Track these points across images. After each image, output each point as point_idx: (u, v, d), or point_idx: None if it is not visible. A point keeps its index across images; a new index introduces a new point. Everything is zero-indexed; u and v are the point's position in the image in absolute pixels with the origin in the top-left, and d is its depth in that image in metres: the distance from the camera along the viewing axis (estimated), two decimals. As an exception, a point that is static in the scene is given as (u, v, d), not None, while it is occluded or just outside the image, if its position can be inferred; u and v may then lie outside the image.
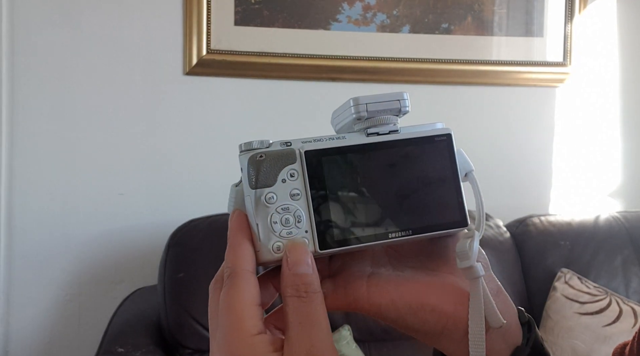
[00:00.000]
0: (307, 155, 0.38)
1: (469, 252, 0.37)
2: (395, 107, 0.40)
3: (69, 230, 1.53)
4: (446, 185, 0.40)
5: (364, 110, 0.39)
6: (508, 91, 1.73)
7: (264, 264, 0.37)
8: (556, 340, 1.37)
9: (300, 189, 0.37)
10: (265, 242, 0.36)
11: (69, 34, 1.51)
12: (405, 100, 0.40)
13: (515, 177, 1.75)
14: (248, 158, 0.37)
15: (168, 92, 1.57)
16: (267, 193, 0.37)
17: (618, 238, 1.52)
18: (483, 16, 1.68)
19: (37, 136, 1.51)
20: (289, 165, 0.37)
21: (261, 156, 0.37)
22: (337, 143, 0.38)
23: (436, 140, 0.40)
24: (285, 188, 0.37)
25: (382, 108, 0.39)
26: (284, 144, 0.38)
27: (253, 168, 0.37)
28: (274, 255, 0.36)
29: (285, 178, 0.37)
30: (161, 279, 1.33)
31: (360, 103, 0.39)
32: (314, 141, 0.38)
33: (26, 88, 1.50)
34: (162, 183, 1.57)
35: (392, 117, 0.40)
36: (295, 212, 0.37)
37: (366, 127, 0.39)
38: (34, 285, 1.52)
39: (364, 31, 1.62)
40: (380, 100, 0.39)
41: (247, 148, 0.38)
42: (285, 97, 1.62)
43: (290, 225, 0.37)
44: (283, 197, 0.37)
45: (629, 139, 1.82)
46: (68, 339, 1.54)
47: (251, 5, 1.57)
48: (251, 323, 0.33)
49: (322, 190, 0.37)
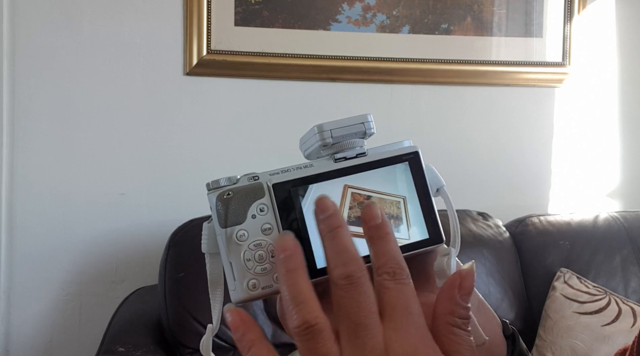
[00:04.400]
0: (275, 188, 0.37)
1: (446, 270, 0.37)
2: (360, 130, 0.39)
3: (70, 229, 1.53)
4: (418, 202, 0.40)
5: (328, 137, 0.39)
6: (507, 91, 1.73)
7: (240, 302, 0.37)
8: (555, 340, 1.37)
9: (272, 223, 0.37)
10: (240, 280, 0.36)
11: (69, 34, 1.52)
12: (370, 123, 0.40)
13: (514, 177, 1.75)
14: (216, 196, 0.37)
15: (168, 92, 1.57)
16: (238, 231, 0.36)
17: (617, 238, 1.52)
18: (482, 17, 1.68)
19: (38, 136, 1.52)
20: (257, 200, 0.37)
21: (229, 194, 0.37)
22: (305, 173, 0.38)
23: (404, 159, 0.40)
24: (255, 223, 0.36)
25: (347, 132, 0.39)
26: (251, 179, 0.38)
27: (222, 207, 0.36)
28: (250, 293, 0.36)
29: (255, 214, 0.37)
30: (162, 279, 1.33)
31: (324, 130, 0.39)
32: (282, 172, 0.38)
33: (27, 88, 1.51)
34: (162, 183, 1.57)
35: (358, 140, 0.39)
36: (268, 246, 0.36)
37: (333, 152, 0.39)
38: (35, 284, 1.53)
39: (363, 31, 1.63)
40: (344, 125, 0.39)
41: (214, 187, 0.37)
42: (285, 97, 1.62)
43: (264, 260, 0.36)
44: (254, 233, 0.36)
45: (628, 139, 1.83)
46: (69, 338, 1.55)
47: (251, 6, 1.57)
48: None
49: (293, 222, 0.37)
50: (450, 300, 0.34)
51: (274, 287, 0.37)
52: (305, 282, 0.34)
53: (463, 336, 0.34)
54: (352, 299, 0.33)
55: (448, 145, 1.71)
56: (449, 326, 0.34)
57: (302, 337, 0.33)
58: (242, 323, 0.35)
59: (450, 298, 0.34)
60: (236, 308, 0.36)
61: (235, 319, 0.35)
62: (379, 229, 0.35)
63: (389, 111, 1.68)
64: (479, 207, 1.60)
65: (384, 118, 1.67)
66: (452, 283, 0.35)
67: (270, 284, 0.37)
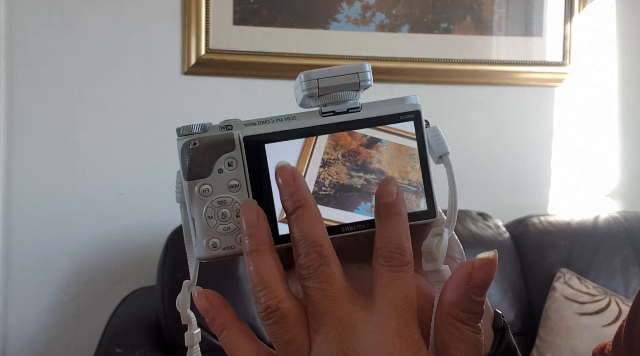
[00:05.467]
0: (246, 141, 0.33)
1: (435, 253, 0.32)
2: (353, 81, 0.34)
3: (67, 229, 1.53)
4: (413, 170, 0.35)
5: (314, 87, 0.34)
6: (507, 91, 1.73)
7: (203, 260, 0.34)
8: (555, 340, 1.37)
9: (240, 179, 0.33)
10: (201, 238, 0.33)
11: (67, 33, 1.51)
12: (366, 73, 0.34)
13: (514, 177, 1.75)
14: (182, 145, 0.33)
15: (167, 91, 1.57)
16: (201, 185, 0.33)
17: (617, 238, 1.52)
18: (482, 16, 1.68)
19: (36, 136, 1.51)
20: (226, 153, 0.33)
21: (195, 143, 0.33)
22: (283, 127, 0.34)
23: (402, 118, 0.34)
24: (222, 179, 0.33)
25: (337, 83, 0.34)
26: (223, 128, 0.34)
27: (187, 157, 0.33)
28: (210, 252, 0.33)
29: (222, 168, 0.33)
30: (160, 279, 1.33)
31: (311, 79, 0.34)
32: (259, 123, 0.34)
33: (24, 88, 1.50)
34: (161, 183, 1.57)
35: (352, 92, 0.34)
36: (234, 205, 0.33)
37: (321, 104, 0.34)
38: (32, 285, 1.52)
39: (363, 31, 1.62)
40: (334, 74, 0.34)
41: (184, 133, 0.33)
42: (284, 96, 1.62)
43: (228, 219, 0.33)
44: (219, 188, 0.33)
45: (628, 139, 1.82)
46: (66, 339, 1.54)
47: (250, 5, 1.57)
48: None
49: (265, 181, 0.33)
50: (457, 290, 0.31)
51: (237, 249, 0.33)
52: (270, 262, 0.31)
53: (466, 332, 0.31)
54: (314, 289, 0.31)
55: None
56: (450, 318, 0.31)
57: (266, 321, 0.31)
58: (210, 306, 0.34)
59: (456, 288, 0.31)
60: (204, 291, 0.34)
61: (204, 303, 0.34)
62: (388, 207, 0.32)
63: (388, 111, 1.67)
64: (479, 207, 1.60)
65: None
66: (462, 271, 0.31)
67: (232, 245, 0.33)
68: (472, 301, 0.31)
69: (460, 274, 0.31)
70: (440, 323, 0.31)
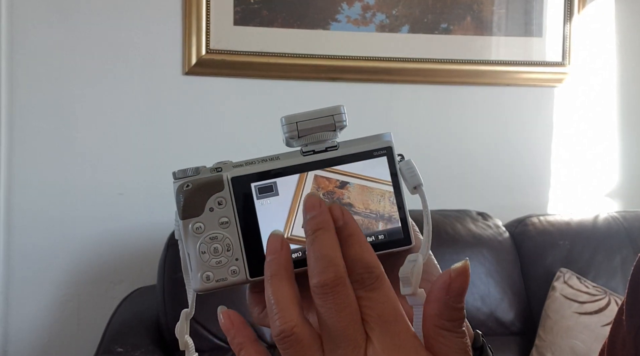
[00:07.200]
0: (234, 181, 0.37)
1: (410, 278, 0.34)
2: (329, 123, 0.37)
3: (67, 229, 1.53)
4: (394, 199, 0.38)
5: (294, 129, 0.37)
6: (507, 91, 1.73)
7: (199, 291, 0.37)
8: (555, 340, 1.37)
9: (229, 217, 0.36)
10: (196, 271, 0.36)
11: (67, 33, 1.51)
12: (341, 115, 0.38)
13: (514, 177, 1.75)
14: (177, 187, 0.37)
15: (167, 91, 1.57)
16: (194, 223, 0.36)
17: (617, 238, 1.52)
18: (482, 16, 1.68)
19: (36, 136, 1.51)
20: (216, 193, 0.36)
21: (188, 185, 0.36)
22: (267, 167, 0.37)
23: (375, 154, 0.37)
24: (213, 217, 0.36)
25: (314, 125, 0.37)
26: (214, 170, 0.37)
27: (181, 198, 0.36)
28: (205, 284, 0.36)
29: (213, 207, 0.36)
30: (160, 279, 1.33)
31: (290, 123, 0.38)
32: (245, 165, 0.37)
33: (25, 88, 1.50)
34: (161, 183, 1.57)
35: (329, 132, 0.38)
36: (224, 240, 0.36)
37: (302, 144, 0.38)
38: (32, 284, 1.52)
39: (363, 31, 1.62)
40: (312, 117, 0.38)
41: (180, 176, 0.37)
42: (284, 97, 1.62)
43: (219, 253, 0.36)
44: (211, 226, 0.36)
45: (627, 139, 1.83)
46: (67, 339, 1.54)
47: (250, 5, 1.57)
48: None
49: (252, 216, 0.37)
50: (438, 301, 0.32)
51: (229, 281, 0.36)
52: (287, 287, 0.33)
53: (453, 339, 0.33)
54: (330, 309, 0.32)
55: (447, 145, 1.70)
56: (437, 329, 0.33)
57: (282, 345, 0.33)
58: (232, 326, 0.35)
59: (437, 300, 0.33)
60: (227, 310, 0.36)
61: (226, 322, 0.36)
62: (342, 230, 0.33)
63: (388, 111, 1.68)
64: (479, 207, 1.60)
65: (383, 118, 1.66)
66: (439, 283, 0.33)
67: (224, 277, 0.36)
68: (453, 309, 0.32)
69: (438, 286, 0.33)
70: (428, 334, 0.33)
